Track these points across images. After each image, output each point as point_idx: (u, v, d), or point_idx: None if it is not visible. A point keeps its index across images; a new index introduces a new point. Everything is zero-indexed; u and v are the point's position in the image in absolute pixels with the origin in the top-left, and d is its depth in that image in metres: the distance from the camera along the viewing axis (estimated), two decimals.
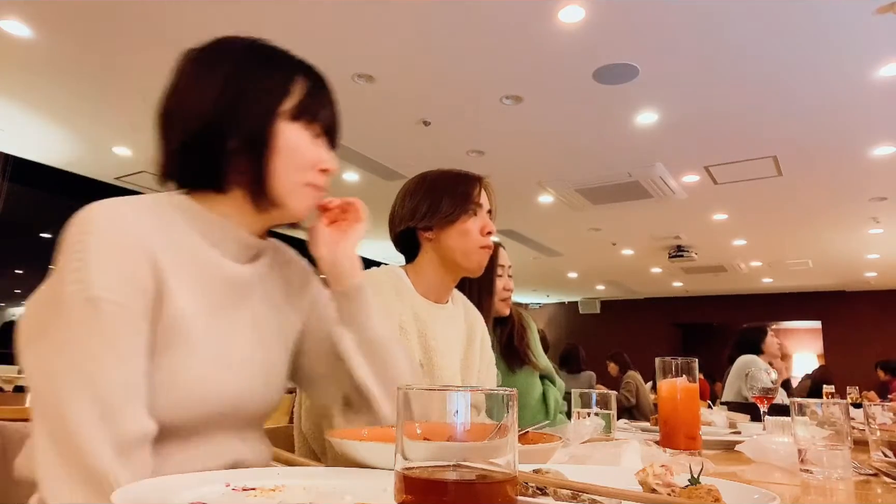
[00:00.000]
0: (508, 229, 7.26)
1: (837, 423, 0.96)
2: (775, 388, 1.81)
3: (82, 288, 0.66)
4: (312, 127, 0.83)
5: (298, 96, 0.82)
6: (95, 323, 0.66)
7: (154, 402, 0.70)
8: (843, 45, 3.30)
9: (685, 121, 4.33)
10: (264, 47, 0.85)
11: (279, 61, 0.84)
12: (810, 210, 6.32)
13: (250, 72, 0.81)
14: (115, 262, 0.68)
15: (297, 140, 0.82)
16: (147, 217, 0.75)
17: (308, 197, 0.84)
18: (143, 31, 3.39)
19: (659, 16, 3.11)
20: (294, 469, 0.72)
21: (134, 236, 0.71)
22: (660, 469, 0.61)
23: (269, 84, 0.81)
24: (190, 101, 0.81)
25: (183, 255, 0.77)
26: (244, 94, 0.79)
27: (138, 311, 0.69)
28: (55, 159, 5.58)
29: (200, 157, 0.80)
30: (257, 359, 0.84)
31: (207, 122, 0.78)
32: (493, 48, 3.46)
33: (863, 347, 10.02)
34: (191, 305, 0.75)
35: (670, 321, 12.23)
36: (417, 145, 4.85)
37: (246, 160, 0.79)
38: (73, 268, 0.68)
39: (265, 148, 0.79)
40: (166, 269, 0.73)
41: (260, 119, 0.79)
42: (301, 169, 0.82)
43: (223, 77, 0.80)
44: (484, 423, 0.48)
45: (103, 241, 0.69)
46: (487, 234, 1.41)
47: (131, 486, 0.54)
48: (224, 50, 0.83)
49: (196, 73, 0.82)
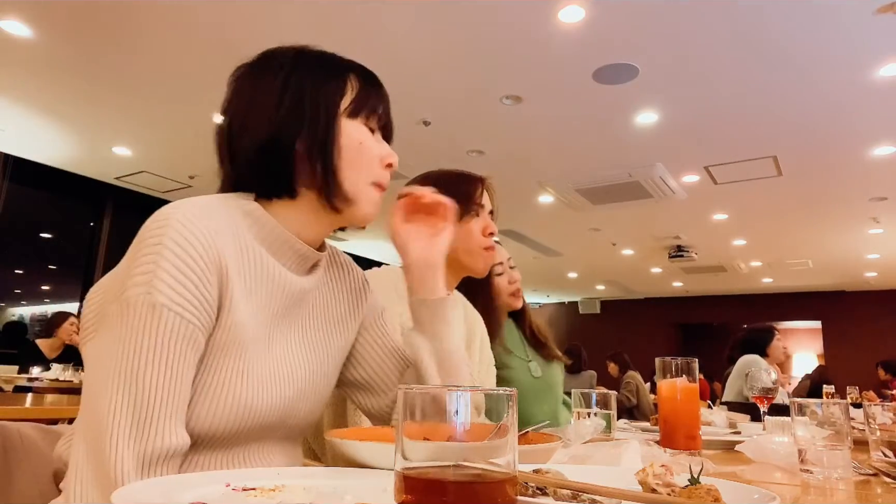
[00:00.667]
0: (508, 229, 7.26)
1: (837, 423, 0.96)
2: (775, 388, 1.81)
3: (148, 291, 0.66)
4: (371, 122, 0.84)
5: (354, 93, 0.83)
6: (154, 330, 0.66)
7: (201, 410, 0.71)
8: (843, 45, 3.31)
9: (685, 121, 4.33)
10: (314, 51, 0.86)
11: (330, 62, 0.85)
12: (810, 210, 6.33)
13: (306, 75, 0.82)
14: (183, 273, 0.68)
15: (360, 136, 0.82)
16: (220, 223, 0.74)
17: (375, 195, 0.84)
18: (143, 31, 3.40)
19: (659, 16, 3.11)
20: (294, 469, 0.72)
21: (206, 245, 0.71)
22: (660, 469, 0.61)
23: (325, 84, 0.82)
24: (253, 112, 0.81)
25: (249, 264, 0.77)
26: (305, 97, 0.80)
27: (199, 325, 0.69)
28: (55, 159, 5.58)
29: (272, 165, 0.80)
30: (308, 371, 0.84)
31: (274, 128, 0.79)
32: (493, 48, 3.46)
33: (863, 347, 10.02)
34: (251, 315, 0.75)
35: (670, 321, 12.23)
36: (417, 145, 4.85)
37: (314, 162, 0.80)
38: (142, 270, 0.67)
39: (332, 147, 0.80)
40: (233, 278, 0.73)
41: (324, 119, 0.80)
42: (367, 165, 0.83)
43: (281, 84, 0.80)
44: (484, 423, 0.48)
45: (176, 248, 0.68)
46: (489, 235, 1.41)
47: (131, 485, 0.54)
48: (276, 58, 0.84)
49: (253, 85, 0.83)
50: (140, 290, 0.67)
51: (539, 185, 5.78)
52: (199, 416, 0.71)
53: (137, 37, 3.46)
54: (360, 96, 0.83)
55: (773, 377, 1.82)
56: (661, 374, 1.22)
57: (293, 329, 0.84)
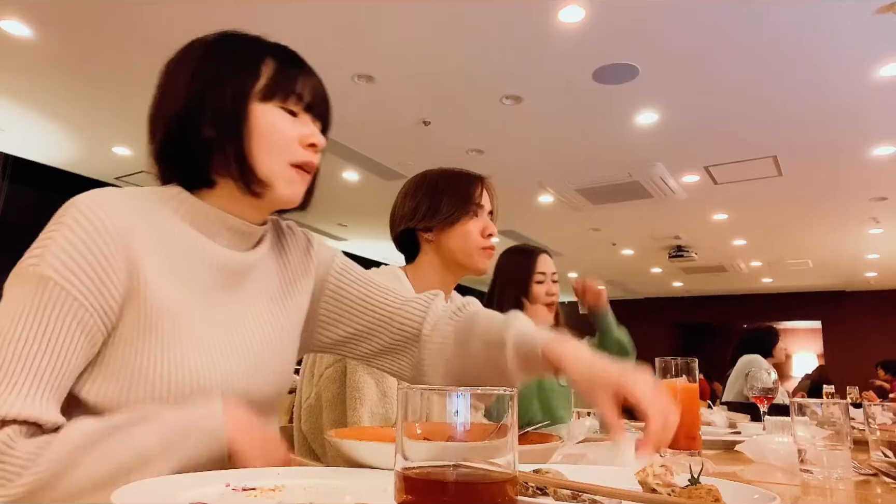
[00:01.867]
0: (508, 229, 7.26)
1: (837, 423, 0.96)
2: (775, 388, 1.81)
3: (37, 263, 0.68)
4: (289, 104, 0.82)
5: (268, 76, 0.81)
6: (37, 300, 0.66)
7: (138, 390, 0.71)
8: (843, 46, 3.30)
9: (685, 121, 4.33)
10: (231, 37, 0.86)
11: (245, 47, 0.85)
12: (810, 210, 6.33)
13: (216, 61, 0.82)
14: (79, 252, 0.69)
15: (273, 119, 0.81)
16: (132, 207, 0.75)
17: (294, 176, 0.83)
18: (143, 31, 3.39)
19: (659, 16, 3.11)
20: (294, 469, 0.72)
21: (110, 227, 0.71)
22: (660, 469, 0.61)
23: (235, 69, 0.81)
24: (166, 101, 0.82)
25: (169, 245, 0.77)
26: (211, 83, 0.80)
27: (88, 306, 0.69)
28: (55, 159, 5.58)
29: (181, 153, 0.81)
30: (261, 342, 0.84)
31: (180, 116, 0.79)
32: (493, 48, 3.46)
33: (863, 347, 10.01)
34: (175, 294, 0.76)
35: (670, 321, 12.22)
36: (417, 145, 4.85)
37: (226, 148, 0.79)
38: (38, 245, 0.69)
39: (241, 132, 0.79)
40: (145, 259, 0.73)
41: (230, 104, 0.79)
42: (283, 148, 0.81)
43: (191, 72, 0.81)
44: (484, 423, 0.48)
45: (75, 226, 0.70)
46: (488, 236, 1.40)
47: (131, 485, 0.54)
48: (193, 48, 0.84)
49: (170, 75, 0.83)
50: (31, 261, 0.68)
51: (539, 185, 5.78)
52: (140, 395, 0.71)
53: (137, 37, 3.46)
54: (274, 79, 0.81)
55: (774, 377, 1.82)
56: (661, 374, 1.21)
57: (240, 303, 0.84)
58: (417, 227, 1.41)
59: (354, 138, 4.75)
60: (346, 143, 4.82)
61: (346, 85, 3.84)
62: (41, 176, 5.65)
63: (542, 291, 2.05)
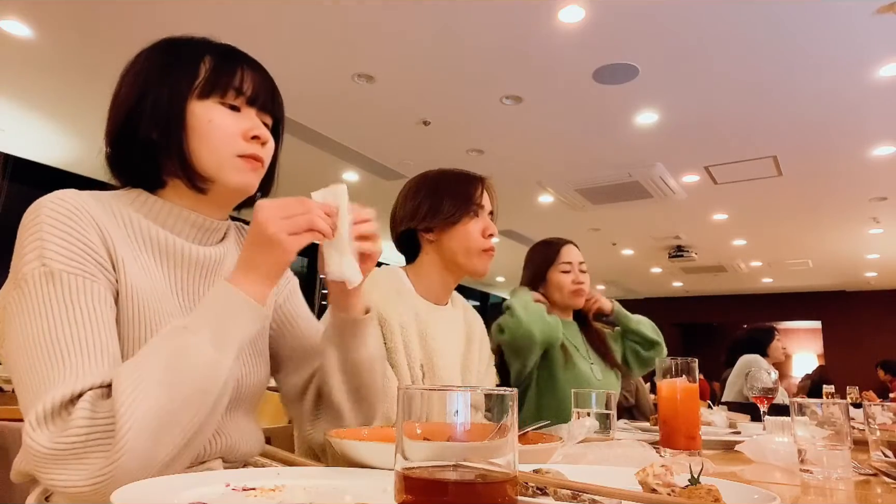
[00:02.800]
0: (508, 229, 7.27)
1: (837, 423, 0.95)
2: (775, 388, 1.80)
3: (42, 263, 0.69)
4: (228, 99, 0.83)
5: (205, 74, 0.83)
6: (55, 294, 0.68)
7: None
8: (843, 46, 3.31)
9: (685, 121, 4.33)
10: (172, 41, 0.87)
11: (183, 48, 0.86)
12: (810, 210, 6.33)
13: (156, 65, 0.84)
14: (68, 240, 0.71)
15: (210, 115, 0.82)
16: (97, 205, 0.77)
17: (242, 168, 0.83)
18: (143, 30, 3.39)
19: (659, 16, 3.11)
20: (294, 469, 0.72)
21: (81, 213, 0.74)
22: (660, 469, 0.61)
23: (173, 71, 0.83)
24: (113, 109, 0.85)
25: (138, 240, 0.80)
26: (150, 86, 0.82)
27: (99, 276, 0.72)
28: (55, 159, 5.58)
29: (130, 157, 0.83)
30: None
31: (122, 120, 0.82)
32: (493, 48, 3.46)
33: (863, 347, 10.01)
34: (149, 284, 0.77)
35: (670, 321, 12.21)
36: (417, 145, 4.85)
37: (169, 148, 0.81)
38: (29, 248, 0.70)
39: (180, 130, 0.81)
40: (118, 247, 0.76)
41: (167, 104, 0.81)
42: (224, 142, 0.82)
43: (133, 77, 0.84)
44: (484, 423, 0.48)
45: (54, 221, 0.72)
46: (489, 237, 1.41)
47: (131, 485, 0.54)
48: (139, 56, 0.87)
49: (119, 84, 0.86)
50: (33, 265, 0.69)
51: (539, 185, 5.78)
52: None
53: (138, 37, 3.44)
54: (211, 75, 0.83)
55: (774, 377, 1.82)
56: (661, 374, 1.22)
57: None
58: (418, 228, 1.41)
59: (354, 138, 4.75)
60: (346, 143, 4.82)
61: (346, 85, 3.84)
62: (41, 176, 5.65)
63: (569, 280, 2.08)
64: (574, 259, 2.12)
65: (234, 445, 0.84)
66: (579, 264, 2.12)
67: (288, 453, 1.10)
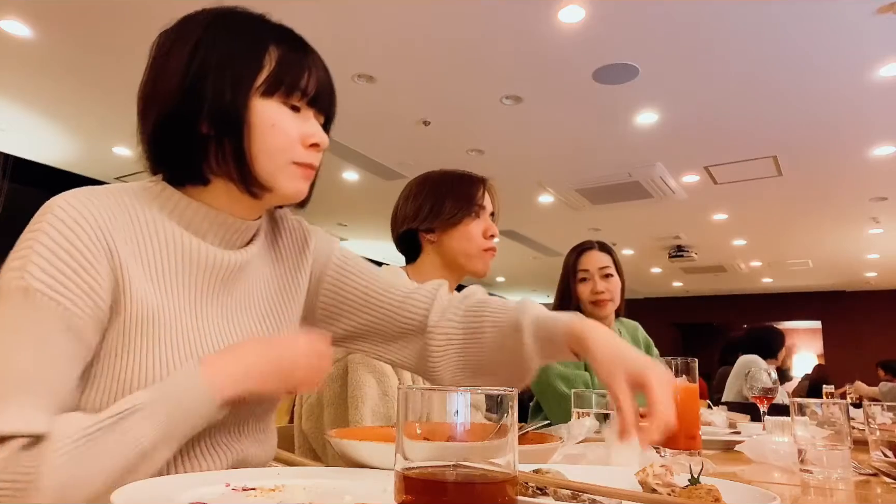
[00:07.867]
0: (509, 229, 7.27)
1: (837, 423, 0.96)
2: (775, 388, 1.81)
3: (21, 276, 0.63)
4: (293, 99, 0.76)
5: (271, 68, 0.75)
6: (25, 314, 0.63)
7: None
8: (843, 45, 3.30)
9: (685, 121, 4.33)
10: (232, 14, 0.78)
11: (248, 30, 0.77)
12: (810, 210, 6.33)
13: (216, 46, 0.74)
14: (61, 258, 0.65)
15: (274, 117, 0.74)
16: (114, 205, 0.71)
17: (296, 175, 0.77)
18: (143, 30, 3.39)
19: (659, 16, 3.11)
20: (294, 469, 0.72)
21: (90, 229, 0.68)
22: (660, 469, 0.61)
23: (237, 56, 0.74)
24: (159, 84, 0.75)
25: (155, 246, 0.73)
26: (210, 73, 0.73)
27: (79, 311, 0.65)
28: (55, 159, 5.58)
29: (174, 147, 0.75)
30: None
31: (175, 104, 0.73)
32: (493, 48, 3.45)
33: (863, 347, 10.01)
34: (162, 299, 0.72)
35: (670, 321, 12.23)
36: (417, 145, 4.85)
37: (223, 145, 0.73)
38: (18, 255, 0.65)
39: (241, 129, 0.73)
40: (128, 260, 0.70)
41: (230, 98, 0.73)
42: (284, 149, 0.75)
43: (189, 54, 0.73)
44: (484, 423, 0.48)
45: (53, 232, 0.66)
46: (490, 237, 1.41)
47: (131, 485, 0.54)
48: (190, 23, 0.77)
49: (164, 55, 0.76)
50: (13, 274, 0.64)
51: (539, 185, 5.78)
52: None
53: (138, 36, 3.45)
54: (277, 72, 0.75)
55: (774, 377, 1.82)
56: None
57: (233, 303, 0.80)
58: (419, 228, 1.41)
59: (354, 138, 4.75)
60: (346, 143, 4.82)
61: (346, 85, 3.83)
62: (41, 176, 5.65)
63: (587, 290, 1.94)
64: (592, 266, 1.96)
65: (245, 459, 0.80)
66: (599, 270, 1.96)
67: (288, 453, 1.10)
